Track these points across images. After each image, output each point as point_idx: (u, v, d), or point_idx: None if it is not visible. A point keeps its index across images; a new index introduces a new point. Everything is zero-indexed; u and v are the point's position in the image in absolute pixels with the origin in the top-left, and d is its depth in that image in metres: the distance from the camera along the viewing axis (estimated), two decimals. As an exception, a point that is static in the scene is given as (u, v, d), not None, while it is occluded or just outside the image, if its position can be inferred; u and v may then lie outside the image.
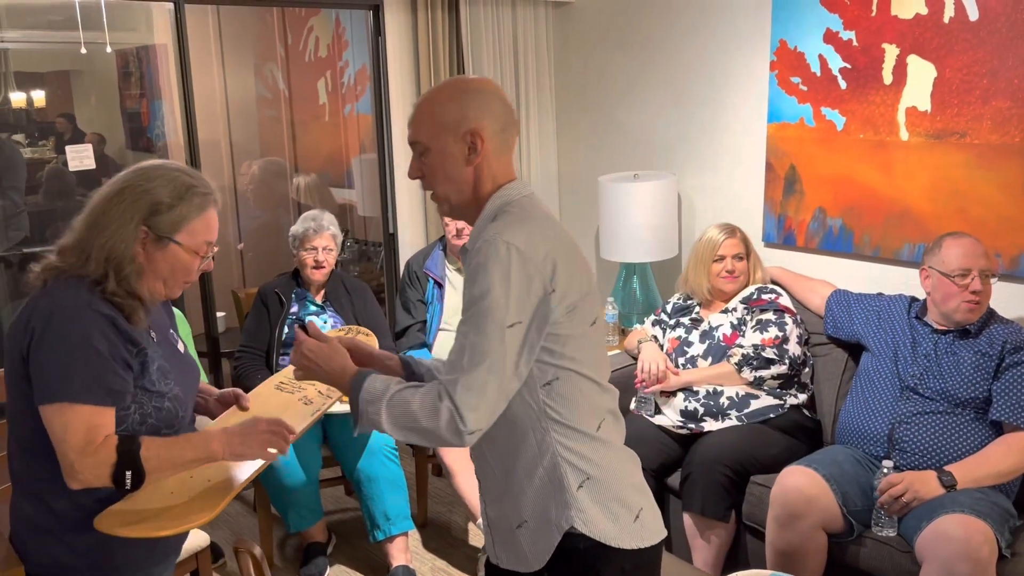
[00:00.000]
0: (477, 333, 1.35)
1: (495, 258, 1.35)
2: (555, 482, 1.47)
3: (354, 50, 5.22)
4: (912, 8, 2.81)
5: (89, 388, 1.48)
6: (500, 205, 1.47)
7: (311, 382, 2.19)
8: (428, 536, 3.25)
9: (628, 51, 3.81)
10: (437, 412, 1.36)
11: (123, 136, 5.64)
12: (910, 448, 2.39)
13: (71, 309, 1.51)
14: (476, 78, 1.54)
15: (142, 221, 1.57)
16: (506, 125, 1.50)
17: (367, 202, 4.94)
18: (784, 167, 3.27)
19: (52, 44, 5.33)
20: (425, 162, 1.49)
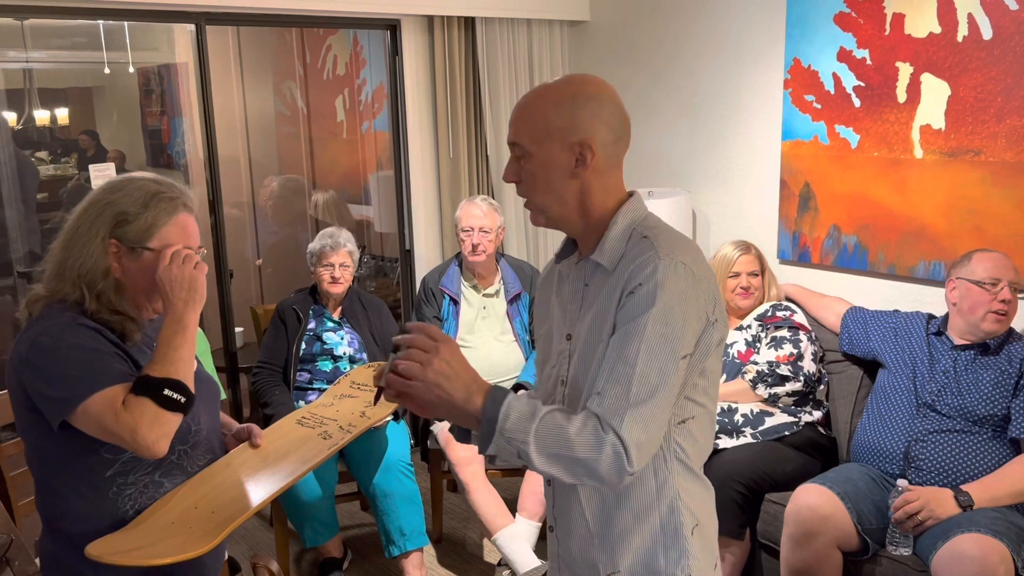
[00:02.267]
0: (648, 361, 1.23)
1: (675, 281, 1.24)
2: (671, 528, 1.35)
3: (372, 68, 5.29)
4: (925, 27, 2.83)
5: (95, 380, 1.48)
6: (632, 221, 1.35)
7: (332, 417, 2.16)
8: (443, 552, 3.26)
9: (643, 69, 3.84)
10: (600, 445, 1.21)
11: (144, 153, 5.73)
12: (926, 466, 2.38)
13: (56, 328, 1.51)
14: (593, 79, 1.36)
15: (108, 234, 1.55)
16: (620, 136, 1.35)
17: (384, 218, 4.99)
18: (799, 184, 3.28)
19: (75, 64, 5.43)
20: (524, 168, 1.35)
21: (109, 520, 1.55)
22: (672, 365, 1.24)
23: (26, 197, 4.77)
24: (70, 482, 1.54)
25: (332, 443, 1.96)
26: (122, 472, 1.54)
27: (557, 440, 1.22)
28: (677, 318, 1.24)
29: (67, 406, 1.47)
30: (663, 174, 3.82)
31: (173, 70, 5.45)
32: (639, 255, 1.29)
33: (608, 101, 1.34)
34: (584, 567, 1.42)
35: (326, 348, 3.13)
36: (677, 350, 1.24)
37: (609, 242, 1.34)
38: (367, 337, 3.17)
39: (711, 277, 1.30)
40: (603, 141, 1.32)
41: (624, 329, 1.26)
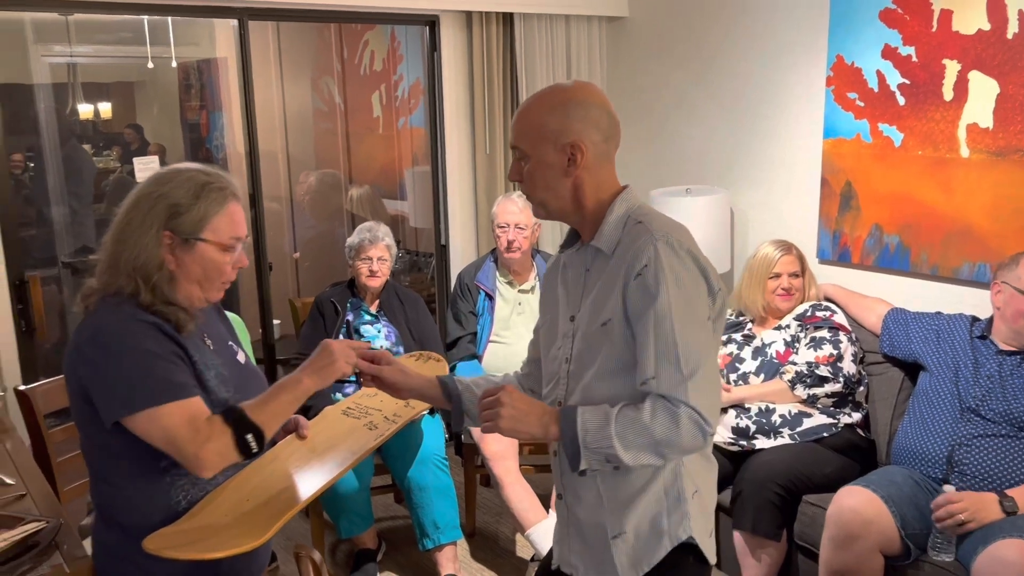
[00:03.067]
0: (684, 334, 1.36)
1: (679, 258, 1.39)
2: (673, 493, 1.48)
3: (408, 64, 5.31)
4: (974, 24, 2.77)
5: (163, 388, 1.49)
6: (628, 209, 1.50)
7: (377, 407, 2.22)
8: (476, 546, 3.28)
9: (682, 65, 3.81)
10: (676, 420, 1.35)
11: (183, 147, 5.81)
12: (970, 471, 2.34)
13: (116, 324, 1.52)
14: (581, 86, 1.51)
15: (163, 226, 1.56)
16: (609, 136, 1.50)
17: (419, 214, 5.01)
18: (840, 183, 3.24)
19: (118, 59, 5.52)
20: (525, 168, 1.50)
21: (162, 512, 1.57)
22: (705, 330, 1.39)
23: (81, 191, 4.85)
24: (124, 474, 1.56)
25: (378, 433, 1.98)
26: (175, 465, 1.55)
27: (637, 432, 1.36)
28: (691, 287, 1.39)
29: (125, 409, 1.49)
30: (701, 172, 3.79)
31: (213, 65, 5.52)
32: (636, 238, 1.43)
33: (595, 105, 1.48)
34: (592, 529, 1.54)
35: (363, 341, 3.14)
36: (701, 315, 1.39)
37: (607, 228, 1.49)
38: (403, 330, 3.19)
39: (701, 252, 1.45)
40: (592, 141, 1.47)
41: (649, 311, 1.38)
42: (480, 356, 3.27)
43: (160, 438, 1.49)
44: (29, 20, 4.69)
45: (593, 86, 1.53)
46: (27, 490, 1.95)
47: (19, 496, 1.93)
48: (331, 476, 1.77)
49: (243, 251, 1.66)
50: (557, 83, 1.53)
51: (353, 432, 2.03)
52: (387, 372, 1.65)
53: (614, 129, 1.51)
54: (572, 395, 1.53)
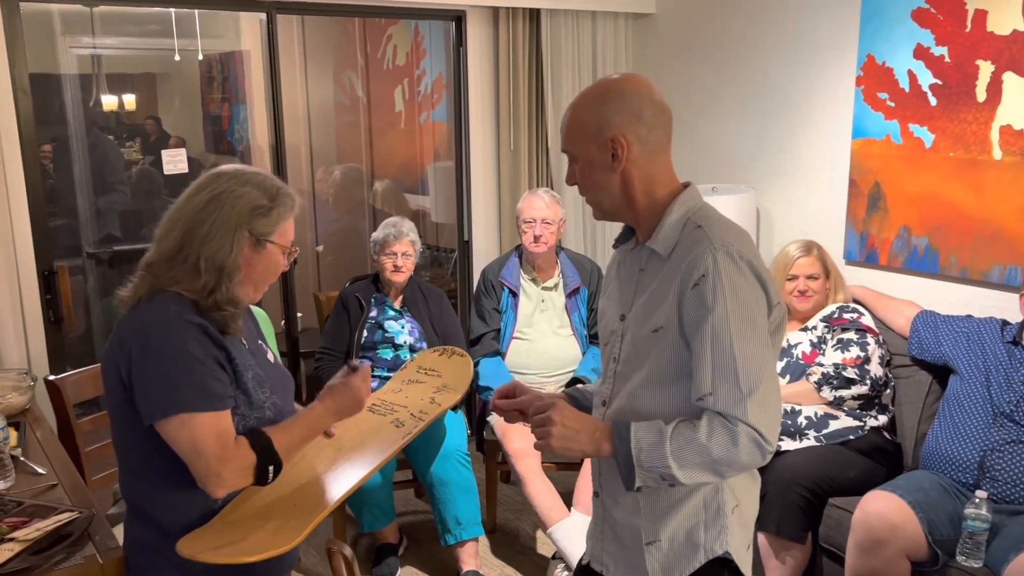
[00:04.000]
0: (743, 349, 1.31)
1: (739, 270, 1.34)
2: (713, 507, 1.44)
3: (432, 59, 5.31)
4: (1009, 24, 2.74)
5: (201, 395, 1.49)
6: (688, 210, 1.44)
7: (403, 404, 2.22)
8: (496, 542, 3.28)
9: (709, 63, 3.79)
10: (735, 439, 1.31)
11: (202, 139, 5.83)
12: (1002, 477, 2.32)
13: (163, 323, 1.51)
14: (623, 78, 1.46)
15: (247, 226, 1.57)
16: (654, 126, 1.42)
17: (440, 209, 5.01)
18: (868, 184, 3.21)
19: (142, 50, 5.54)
20: (575, 170, 1.47)
21: (199, 511, 1.57)
22: (764, 345, 1.34)
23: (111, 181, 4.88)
24: (162, 472, 1.56)
25: (406, 431, 1.98)
26: None
27: (694, 451, 1.32)
28: (750, 300, 1.34)
29: (164, 411, 1.49)
30: (728, 170, 3.77)
31: (235, 58, 5.53)
32: (694, 245, 1.38)
33: (633, 93, 1.42)
34: (626, 531, 1.51)
35: (387, 336, 3.15)
36: (761, 329, 1.34)
37: (664, 230, 1.43)
38: (427, 326, 3.19)
39: (763, 265, 1.39)
40: (636, 134, 1.41)
41: (707, 325, 1.34)
42: (503, 353, 3.26)
43: (186, 446, 1.49)
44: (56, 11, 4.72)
45: (637, 76, 1.47)
46: (58, 480, 1.97)
47: (51, 486, 1.95)
48: (361, 476, 1.77)
49: None
50: (601, 79, 1.49)
51: (380, 430, 2.03)
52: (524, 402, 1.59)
53: (660, 118, 1.43)
54: (617, 396, 1.50)
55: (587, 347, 3.30)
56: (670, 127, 1.46)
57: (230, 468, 1.50)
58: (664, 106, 1.44)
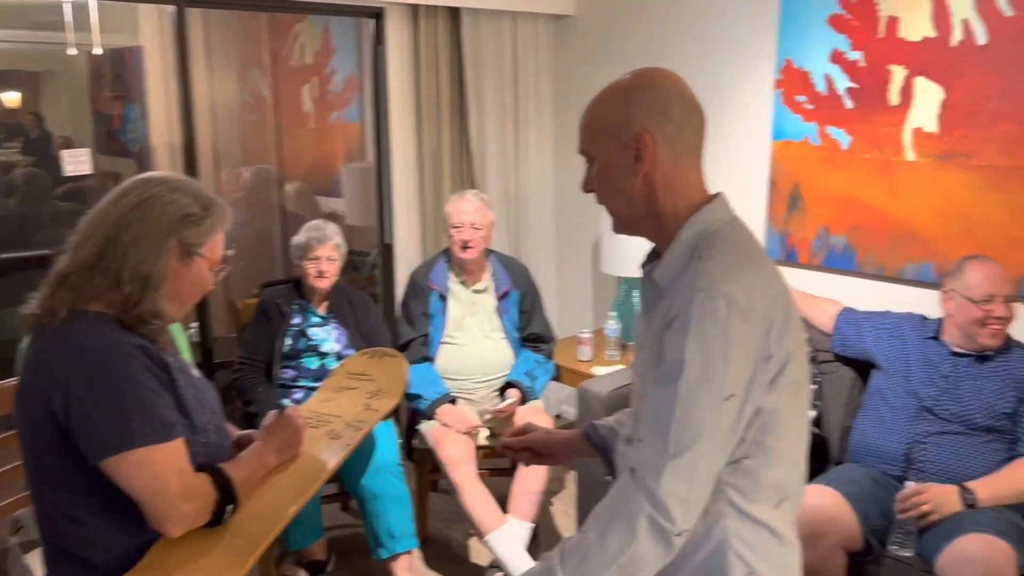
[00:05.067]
0: (687, 406, 1.14)
1: (713, 316, 1.14)
2: (716, 572, 1.25)
3: (342, 57, 5.18)
4: (920, 31, 2.85)
5: (155, 427, 1.39)
6: (700, 234, 1.24)
7: (336, 413, 2.09)
8: (429, 553, 3.20)
9: (629, 65, 3.76)
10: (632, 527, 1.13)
11: (92, 138, 5.51)
12: (927, 468, 2.40)
13: (102, 350, 1.39)
14: (646, 71, 1.31)
15: (176, 234, 1.47)
16: (684, 126, 1.27)
17: (355, 211, 4.88)
18: (788, 185, 3.29)
19: (29, 44, 5.19)
20: (593, 174, 1.32)
21: (137, 545, 1.45)
22: (714, 409, 1.14)
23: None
24: (97, 511, 1.43)
25: (344, 442, 1.89)
26: None
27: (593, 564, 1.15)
28: (717, 356, 1.14)
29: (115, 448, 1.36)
30: (648, 172, 3.80)
31: (128, 54, 5.26)
32: (688, 280, 1.20)
33: (661, 88, 1.28)
34: None
35: (312, 344, 3.03)
36: (720, 391, 1.14)
37: (668, 258, 1.27)
38: (354, 333, 3.08)
39: (766, 308, 1.18)
40: (663, 132, 1.25)
41: (664, 368, 1.19)
42: (433, 358, 3.19)
43: (144, 484, 1.37)
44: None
45: (663, 71, 1.31)
46: (-35, 514, 1.79)
47: (-47, 520, 1.77)
48: (306, 493, 1.68)
49: None
50: (628, 73, 1.32)
51: (315, 444, 1.92)
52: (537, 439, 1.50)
53: (691, 117, 1.28)
54: None
55: (519, 350, 3.26)
56: (703, 130, 1.30)
57: (193, 506, 1.40)
58: (696, 105, 1.30)
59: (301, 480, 1.71)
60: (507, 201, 4.00)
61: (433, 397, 3.05)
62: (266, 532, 1.53)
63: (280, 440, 1.69)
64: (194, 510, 1.43)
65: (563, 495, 3.63)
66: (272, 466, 1.67)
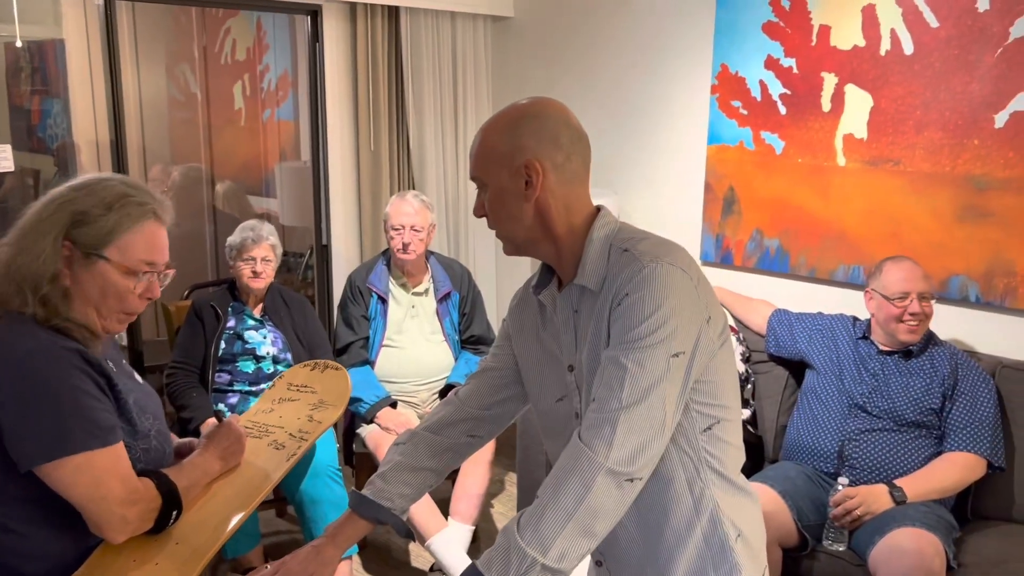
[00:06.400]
0: (641, 361, 1.18)
1: (664, 280, 1.21)
2: (716, 542, 1.31)
3: (275, 54, 5.08)
4: (850, 40, 2.94)
5: (93, 432, 1.34)
6: (607, 237, 1.31)
7: (277, 424, 2.01)
8: (368, 558, 3.16)
9: (567, 68, 3.83)
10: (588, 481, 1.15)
11: (8, 134, 5.28)
12: (859, 464, 2.47)
13: (35, 354, 1.33)
14: (536, 101, 1.35)
15: (63, 233, 1.39)
16: (572, 153, 1.32)
17: (289, 211, 4.79)
18: (723, 188, 3.35)
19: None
20: (486, 199, 1.34)
21: (74, 553, 1.40)
22: (664, 364, 1.19)
23: None
24: (34, 520, 1.37)
25: (288, 452, 1.84)
26: None
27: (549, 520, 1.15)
28: (668, 315, 1.20)
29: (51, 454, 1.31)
30: (587, 174, 3.82)
31: (48, 47, 5.06)
32: (622, 269, 1.26)
33: (550, 118, 1.32)
34: None
35: (248, 348, 2.96)
36: (670, 348, 1.19)
37: (589, 263, 1.31)
38: (291, 336, 3.02)
39: (699, 276, 1.27)
40: (552, 160, 1.30)
41: (619, 331, 1.23)
42: (373, 362, 3.15)
43: (84, 491, 1.32)
44: None
45: (552, 100, 1.36)
46: None
47: None
48: (250, 505, 1.63)
49: (155, 281, 1.47)
50: (513, 103, 1.36)
51: (259, 454, 1.87)
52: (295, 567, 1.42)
53: (578, 145, 1.33)
54: None
55: (459, 352, 3.24)
56: (589, 156, 1.36)
57: (137, 511, 1.35)
58: (582, 133, 1.35)
59: (245, 489, 1.66)
60: (447, 201, 3.98)
61: (373, 400, 3.01)
62: (211, 541, 1.48)
63: (222, 448, 1.64)
64: (137, 515, 1.38)
65: (503, 497, 3.63)
66: (215, 474, 1.62)
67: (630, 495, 1.18)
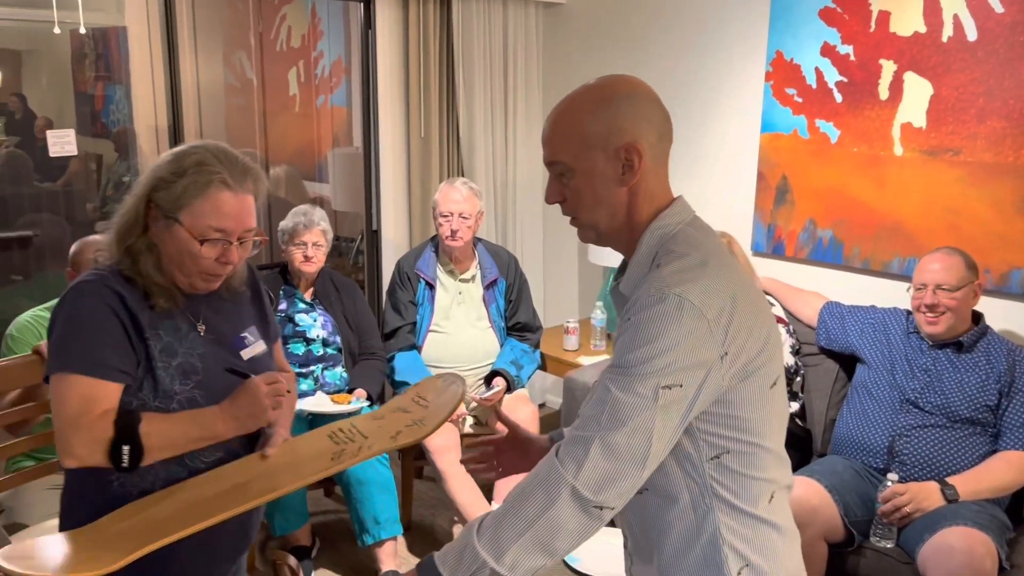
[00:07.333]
0: (626, 391, 1.14)
1: (662, 314, 1.14)
2: (713, 565, 1.24)
3: (329, 41, 5.14)
4: (911, 26, 2.86)
5: (84, 358, 1.43)
6: (660, 239, 1.23)
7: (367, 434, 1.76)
8: (413, 540, 3.20)
9: (618, 55, 3.80)
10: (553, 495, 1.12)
11: (74, 120, 5.44)
12: (910, 460, 2.42)
13: (83, 285, 1.48)
14: (626, 78, 1.27)
15: (147, 194, 1.51)
16: (663, 133, 1.25)
17: (341, 197, 4.85)
18: (776, 177, 3.30)
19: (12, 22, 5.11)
20: (568, 185, 1.26)
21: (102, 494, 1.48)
22: (652, 395, 1.13)
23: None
24: None
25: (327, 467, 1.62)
26: None
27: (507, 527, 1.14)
28: (662, 347, 1.13)
29: (50, 368, 1.45)
30: (637, 162, 3.79)
31: (111, 34, 5.19)
32: (645, 285, 1.19)
33: (643, 97, 1.25)
34: None
35: (298, 330, 3.01)
36: (661, 379, 1.13)
37: (632, 267, 1.26)
38: (340, 319, 3.07)
39: (722, 307, 1.16)
40: (649, 141, 1.23)
41: (614, 356, 1.20)
42: (420, 347, 3.18)
43: (53, 407, 1.43)
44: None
45: (636, 79, 1.28)
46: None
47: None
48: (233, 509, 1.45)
49: (236, 247, 1.51)
50: (594, 80, 1.26)
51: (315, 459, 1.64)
52: (519, 434, 1.47)
53: (667, 126, 1.26)
54: None
55: (505, 339, 3.26)
56: (672, 137, 1.28)
57: (81, 437, 1.40)
58: (668, 114, 1.27)
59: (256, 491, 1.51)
60: (495, 189, 3.99)
61: (419, 385, 3.04)
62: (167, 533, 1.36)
63: (236, 409, 1.52)
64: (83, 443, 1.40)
65: (547, 483, 3.64)
66: (223, 432, 1.51)
67: (597, 523, 1.15)
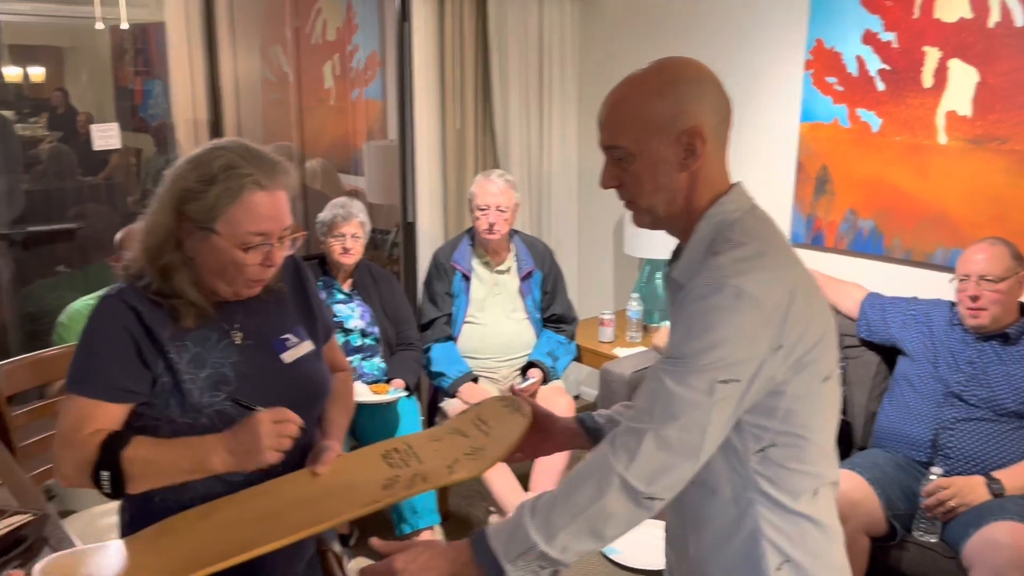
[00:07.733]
0: (680, 384, 1.13)
1: (719, 305, 1.13)
2: (751, 560, 1.24)
3: (364, 34, 5.16)
4: (956, 12, 2.80)
5: (84, 379, 1.42)
6: (717, 227, 1.22)
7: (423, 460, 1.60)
8: (449, 529, 3.22)
9: (655, 44, 3.77)
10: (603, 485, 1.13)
11: (114, 115, 5.52)
12: (954, 454, 2.39)
13: (101, 302, 1.45)
14: (687, 60, 1.26)
15: (176, 208, 1.42)
16: (724, 117, 1.24)
17: (377, 189, 4.88)
18: (815, 167, 3.26)
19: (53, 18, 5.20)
20: (628, 169, 1.23)
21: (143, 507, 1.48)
22: (707, 388, 1.13)
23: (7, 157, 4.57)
24: None
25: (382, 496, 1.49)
26: None
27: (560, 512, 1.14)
28: (718, 339, 1.13)
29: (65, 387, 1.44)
30: (673, 153, 3.77)
31: (150, 29, 5.26)
32: (703, 273, 1.18)
33: (708, 81, 1.24)
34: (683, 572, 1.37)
35: (336, 321, 3.04)
36: (717, 373, 1.13)
37: (687, 253, 1.25)
38: (378, 310, 3.09)
39: (780, 299, 1.14)
40: (711, 126, 1.22)
41: (668, 347, 1.20)
42: (455, 338, 3.19)
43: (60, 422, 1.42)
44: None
45: (696, 61, 1.26)
46: (2, 479, 1.81)
47: (-9, 487, 1.79)
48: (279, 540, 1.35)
49: (277, 247, 1.44)
50: (652, 63, 1.25)
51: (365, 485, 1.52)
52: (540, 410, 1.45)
53: (728, 110, 1.25)
54: None
55: (541, 330, 3.26)
56: (731, 122, 1.27)
57: (68, 457, 1.39)
58: (728, 97, 1.26)
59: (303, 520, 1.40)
60: (530, 181, 3.99)
61: (455, 375, 3.06)
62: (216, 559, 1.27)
63: (236, 444, 1.39)
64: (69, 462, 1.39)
65: (583, 475, 3.64)
66: (217, 470, 1.40)
67: (647, 512, 1.15)
